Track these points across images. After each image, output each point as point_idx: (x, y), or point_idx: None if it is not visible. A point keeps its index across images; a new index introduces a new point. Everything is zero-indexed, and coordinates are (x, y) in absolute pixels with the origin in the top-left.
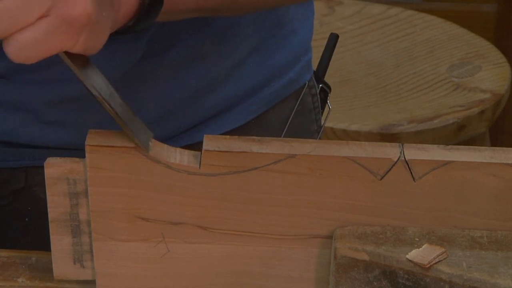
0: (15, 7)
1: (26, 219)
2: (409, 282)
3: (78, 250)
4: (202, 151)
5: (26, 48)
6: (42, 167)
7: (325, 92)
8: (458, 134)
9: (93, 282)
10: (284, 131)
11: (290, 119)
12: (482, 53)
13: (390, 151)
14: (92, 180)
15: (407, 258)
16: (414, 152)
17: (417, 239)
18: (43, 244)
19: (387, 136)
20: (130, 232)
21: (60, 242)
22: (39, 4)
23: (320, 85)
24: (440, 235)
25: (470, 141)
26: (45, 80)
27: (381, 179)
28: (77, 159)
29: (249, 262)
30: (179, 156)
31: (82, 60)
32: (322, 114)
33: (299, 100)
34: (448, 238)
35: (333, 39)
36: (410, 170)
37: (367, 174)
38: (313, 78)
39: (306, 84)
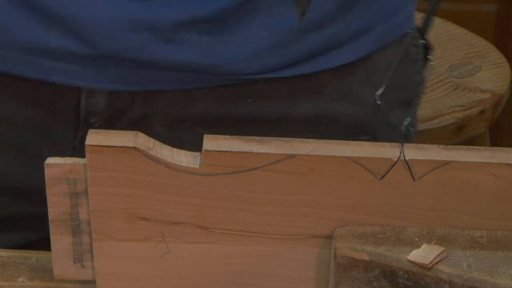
0: None
1: None
2: (409, 282)
3: (78, 250)
4: (202, 151)
5: None
6: (162, 92)
7: (427, 49)
8: (458, 134)
9: (93, 282)
10: (389, 76)
11: (394, 64)
12: (482, 53)
13: (390, 151)
14: (92, 180)
15: (408, 259)
16: (414, 152)
17: (417, 239)
18: None
19: None
20: (130, 232)
21: (60, 242)
22: None
23: (423, 41)
24: (440, 235)
25: (470, 141)
26: (181, 2)
27: (381, 179)
28: (77, 159)
29: (249, 262)
30: (179, 156)
31: None
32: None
33: (402, 48)
34: (448, 238)
35: (436, 0)
36: (410, 170)
37: (367, 174)
38: (416, 31)
39: (410, 34)
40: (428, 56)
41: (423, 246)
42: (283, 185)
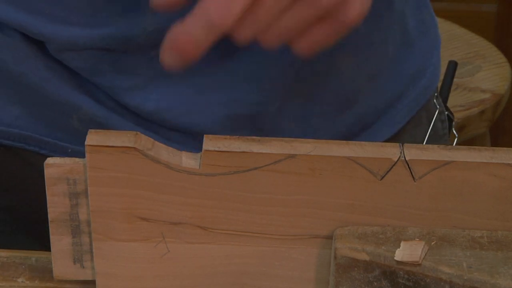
0: None
1: None
2: (409, 282)
3: (78, 250)
4: (202, 151)
5: None
6: None
7: (449, 120)
8: (458, 134)
9: (93, 282)
10: None
11: (424, 144)
12: (482, 53)
13: (390, 151)
14: (92, 180)
15: (396, 260)
16: (414, 152)
17: (417, 239)
18: None
19: None
20: (130, 232)
21: (60, 242)
22: None
23: (447, 113)
24: (440, 235)
25: (471, 141)
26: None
27: (381, 179)
28: (77, 159)
29: (249, 262)
30: (179, 156)
31: None
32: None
33: (431, 125)
34: (448, 238)
35: (453, 66)
36: (410, 170)
37: (367, 174)
38: (442, 104)
39: (435, 98)
40: (453, 129)
41: (402, 244)
42: (283, 185)
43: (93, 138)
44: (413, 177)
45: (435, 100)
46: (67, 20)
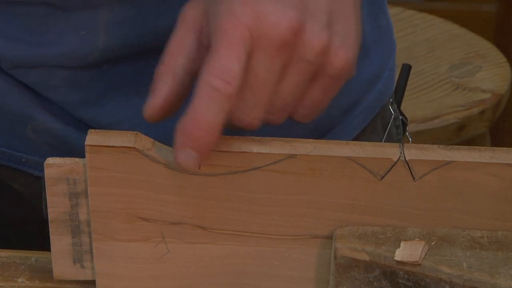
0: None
1: None
2: (409, 282)
3: (78, 250)
4: None
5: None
6: None
7: (403, 124)
8: (458, 134)
9: (93, 282)
10: None
11: None
12: (482, 53)
13: (390, 151)
14: (92, 180)
15: (396, 260)
16: (414, 152)
17: (417, 239)
18: None
19: None
20: (130, 232)
21: (59, 242)
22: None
23: (401, 117)
24: (440, 235)
25: (471, 141)
26: None
27: (381, 179)
28: (77, 159)
29: (249, 262)
30: None
31: None
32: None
33: (386, 132)
34: (448, 238)
35: (406, 69)
36: (410, 170)
37: (367, 174)
38: (397, 110)
39: (390, 104)
40: (407, 133)
41: (402, 244)
42: (283, 185)
43: (93, 138)
44: (413, 177)
45: (390, 106)
46: (19, 38)
